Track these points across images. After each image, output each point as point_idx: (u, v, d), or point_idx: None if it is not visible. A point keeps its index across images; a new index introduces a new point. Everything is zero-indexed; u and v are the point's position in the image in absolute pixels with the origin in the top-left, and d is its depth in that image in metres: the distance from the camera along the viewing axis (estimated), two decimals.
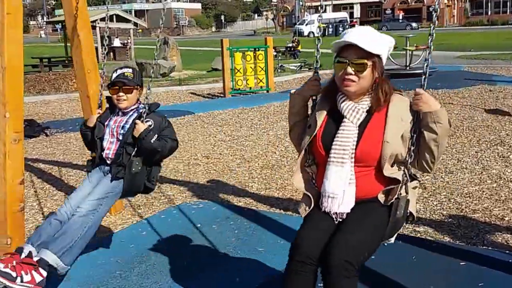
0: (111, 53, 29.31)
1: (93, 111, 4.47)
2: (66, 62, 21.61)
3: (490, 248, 3.67)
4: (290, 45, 25.59)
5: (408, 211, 2.37)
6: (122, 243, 4.08)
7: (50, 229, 3.15)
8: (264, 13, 77.72)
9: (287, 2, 71.96)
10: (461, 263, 3.39)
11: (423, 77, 2.38)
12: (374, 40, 2.34)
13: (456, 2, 66.40)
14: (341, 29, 47.77)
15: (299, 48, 25.40)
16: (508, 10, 61.29)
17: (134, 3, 78.41)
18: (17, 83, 3.92)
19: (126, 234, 4.27)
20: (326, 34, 48.09)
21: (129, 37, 29.97)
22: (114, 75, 3.43)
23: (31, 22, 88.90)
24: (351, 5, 69.33)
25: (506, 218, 4.20)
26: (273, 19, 67.15)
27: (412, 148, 2.34)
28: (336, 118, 2.43)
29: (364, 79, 2.33)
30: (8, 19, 3.81)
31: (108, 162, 3.37)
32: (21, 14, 3.98)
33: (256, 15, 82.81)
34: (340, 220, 2.38)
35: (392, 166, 2.37)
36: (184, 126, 8.98)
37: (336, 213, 2.39)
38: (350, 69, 2.32)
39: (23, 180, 4.03)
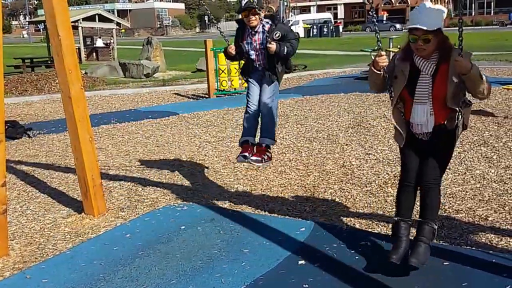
0: (94, 53, 29.06)
1: (75, 110, 4.45)
2: (49, 62, 21.33)
3: (473, 248, 3.70)
4: None
5: (464, 124, 3.40)
6: (106, 245, 4.03)
7: (253, 122, 4.81)
8: None
9: (271, 2, 72.02)
10: (444, 263, 3.41)
11: (460, 46, 3.20)
12: (432, 19, 3.20)
13: (439, 3, 67.09)
14: (325, 29, 47.97)
15: None
16: (492, 11, 62.01)
17: (117, 3, 77.84)
18: None
19: (109, 236, 4.23)
20: (311, 35, 48.22)
21: (111, 37, 29.71)
22: (243, 2, 4.53)
23: (13, 22, 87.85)
24: (335, 6, 69.70)
25: (490, 218, 4.24)
26: None
27: (461, 87, 3.25)
28: (415, 71, 3.33)
29: (431, 46, 3.23)
30: None
31: (260, 69, 4.75)
32: (1, 14, 3.92)
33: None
34: (426, 139, 3.39)
35: (453, 100, 3.25)
36: (168, 127, 8.92)
37: (423, 133, 3.40)
38: (420, 42, 3.22)
39: (5, 182, 3.99)
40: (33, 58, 22.30)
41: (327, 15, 56.98)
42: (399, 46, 4.02)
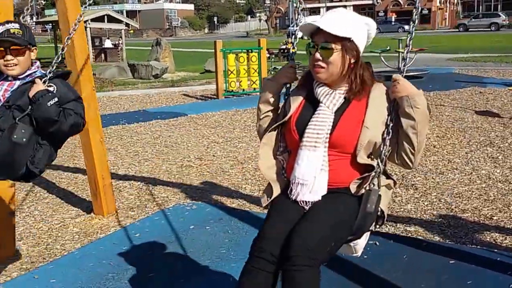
0: (102, 54, 29.22)
1: (87, 111, 4.48)
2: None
3: (479, 247, 3.72)
4: (284, 47, 25.62)
5: (379, 208, 2.23)
6: (115, 245, 4.08)
7: None
8: (257, 14, 77.80)
9: (280, 3, 72.05)
10: (450, 262, 3.43)
11: (403, 63, 2.34)
12: (343, 23, 2.22)
13: (448, 5, 66.76)
14: None
15: (293, 50, 25.40)
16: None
17: (126, 4, 78.23)
18: None
19: (119, 236, 4.28)
20: None
21: (120, 38, 29.85)
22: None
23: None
24: (344, 7, 69.50)
25: (495, 218, 4.26)
26: (266, 21, 67.23)
27: (387, 137, 2.21)
28: (312, 104, 2.32)
29: (333, 64, 2.22)
30: None
31: None
32: (11, 12, 3.97)
33: (249, 16, 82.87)
34: (307, 208, 2.25)
35: (368, 157, 2.24)
36: (177, 127, 8.99)
37: (304, 201, 2.25)
38: (317, 55, 2.23)
39: (13, 183, 4.03)
40: (40, 59, 22.46)
41: None
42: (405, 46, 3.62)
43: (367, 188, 2.22)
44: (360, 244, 2.37)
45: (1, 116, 2.54)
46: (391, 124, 2.22)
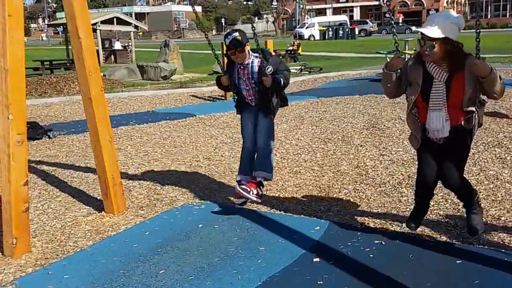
0: (112, 56, 29.40)
1: (96, 112, 4.56)
2: (68, 64, 21.70)
3: (486, 247, 3.74)
4: (291, 48, 25.67)
5: (480, 123, 3.52)
6: (126, 243, 4.14)
7: (248, 162, 4.79)
8: (265, 16, 77.82)
9: (287, 5, 72.05)
10: (457, 261, 3.45)
11: (477, 49, 3.29)
12: (439, 27, 3.25)
13: (455, 5, 66.49)
14: (341, 32, 47.86)
15: (300, 51, 25.48)
16: (507, 14, 61.37)
17: (135, 6, 78.54)
18: (19, 85, 3.98)
19: (129, 234, 4.34)
20: (326, 37, 48.16)
21: (129, 40, 30.04)
22: (227, 40, 4.46)
23: (32, 25, 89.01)
24: (351, 8, 69.50)
25: (502, 218, 4.27)
26: (273, 22, 67.25)
27: (476, 100, 3.43)
28: (428, 78, 3.42)
29: (436, 53, 3.30)
30: (9, 21, 3.87)
31: (252, 104, 4.72)
32: (22, 15, 4.03)
33: (256, 18, 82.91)
34: (443, 142, 3.51)
35: (469, 103, 3.38)
36: (185, 128, 9.05)
37: (439, 138, 3.51)
38: (424, 46, 3.32)
39: (27, 181, 4.10)
40: (52, 60, 22.64)
41: (343, 17, 56.87)
42: (414, 49, 4.17)
43: (473, 124, 3.46)
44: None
45: (259, 95, 4.61)
46: (477, 91, 3.38)
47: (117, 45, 31.03)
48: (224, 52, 4.61)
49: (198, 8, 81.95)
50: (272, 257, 3.73)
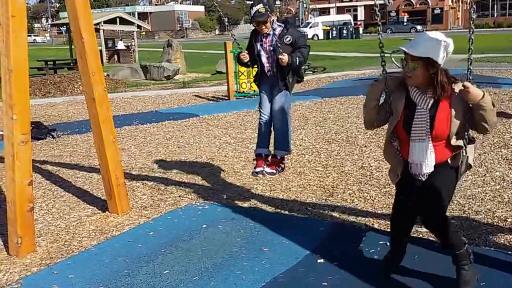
0: (115, 56, 29.44)
1: (99, 112, 4.55)
2: (71, 64, 21.74)
3: (492, 249, 3.72)
4: None
5: (468, 163, 3.12)
6: (130, 243, 4.14)
7: (266, 132, 4.96)
8: None
9: (290, 4, 72.02)
10: None
11: (468, 71, 2.99)
12: (423, 47, 2.94)
13: (460, 4, 66.31)
14: (345, 31, 47.78)
15: None
16: None
17: (137, 6, 78.60)
18: (23, 85, 3.98)
19: (133, 234, 4.33)
20: (330, 36, 48.10)
21: (132, 40, 30.07)
22: (252, 11, 4.59)
23: (35, 25, 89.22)
24: (355, 8, 69.36)
25: (509, 220, 4.24)
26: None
27: (467, 132, 3.05)
28: (411, 105, 3.07)
29: (417, 75, 2.98)
30: (13, 21, 3.87)
31: (269, 74, 4.78)
32: (25, 16, 4.03)
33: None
34: (426, 180, 3.09)
35: (457, 139, 3.03)
36: (189, 128, 9.05)
37: (421, 174, 3.11)
38: (406, 67, 3.02)
39: (31, 181, 4.10)
40: (55, 60, 22.69)
41: (347, 16, 56.79)
42: None
43: (460, 160, 3.08)
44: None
45: (277, 69, 4.67)
46: (466, 124, 3.01)
47: (120, 45, 31.05)
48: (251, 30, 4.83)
49: (201, 8, 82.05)
50: (276, 258, 3.71)
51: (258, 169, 4.94)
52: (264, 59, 4.78)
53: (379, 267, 3.45)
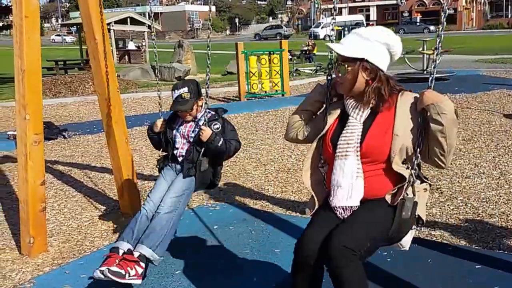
0: (126, 56, 29.55)
1: (112, 112, 4.55)
2: (82, 64, 21.86)
3: (506, 252, 3.67)
4: (306, 48, 25.59)
5: (416, 214, 2.37)
6: None
7: (140, 226, 3.49)
8: (279, 15, 77.79)
9: (302, 4, 71.96)
10: (476, 267, 3.40)
11: (430, 77, 2.37)
12: (357, 45, 2.37)
13: (475, 5, 65.83)
14: None
15: (315, 51, 25.40)
16: None
17: (148, 6, 78.83)
18: (36, 86, 4.00)
19: None
20: (342, 36, 47.95)
21: (143, 40, 30.14)
22: (174, 95, 3.73)
23: (45, 25, 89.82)
24: (367, 8, 69.14)
25: None
26: (288, 22, 67.19)
27: (418, 149, 2.33)
28: (345, 119, 2.48)
29: (347, 80, 2.39)
30: (26, 22, 3.88)
31: (180, 160, 3.73)
32: (38, 17, 4.05)
33: (270, 18, 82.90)
34: (346, 215, 2.40)
35: (403, 163, 2.37)
36: None
37: (342, 207, 2.39)
38: (336, 71, 2.47)
39: (44, 181, 4.12)
40: (66, 60, 22.82)
41: (359, 17, 56.65)
42: (433, 48, 3.47)
43: (402, 197, 2.33)
44: (406, 240, 2.47)
45: (190, 151, 3.66)
46: (420, 138, 2.32)
47: (131, 45, 31.16)
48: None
49: (212, 8, 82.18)
50: (287, 260, 3.66)
51: (103, 268, 3.17)
52: (178, 145, 3.75)
53: (392, 271, 3.42)
